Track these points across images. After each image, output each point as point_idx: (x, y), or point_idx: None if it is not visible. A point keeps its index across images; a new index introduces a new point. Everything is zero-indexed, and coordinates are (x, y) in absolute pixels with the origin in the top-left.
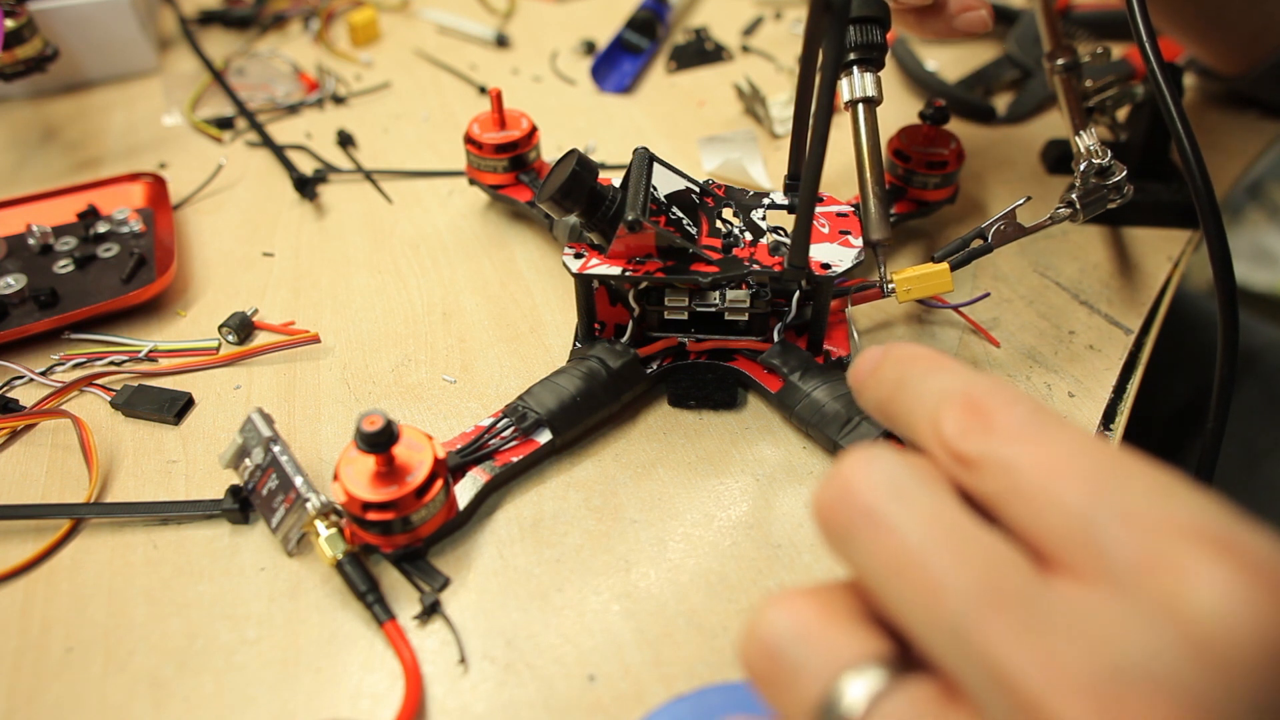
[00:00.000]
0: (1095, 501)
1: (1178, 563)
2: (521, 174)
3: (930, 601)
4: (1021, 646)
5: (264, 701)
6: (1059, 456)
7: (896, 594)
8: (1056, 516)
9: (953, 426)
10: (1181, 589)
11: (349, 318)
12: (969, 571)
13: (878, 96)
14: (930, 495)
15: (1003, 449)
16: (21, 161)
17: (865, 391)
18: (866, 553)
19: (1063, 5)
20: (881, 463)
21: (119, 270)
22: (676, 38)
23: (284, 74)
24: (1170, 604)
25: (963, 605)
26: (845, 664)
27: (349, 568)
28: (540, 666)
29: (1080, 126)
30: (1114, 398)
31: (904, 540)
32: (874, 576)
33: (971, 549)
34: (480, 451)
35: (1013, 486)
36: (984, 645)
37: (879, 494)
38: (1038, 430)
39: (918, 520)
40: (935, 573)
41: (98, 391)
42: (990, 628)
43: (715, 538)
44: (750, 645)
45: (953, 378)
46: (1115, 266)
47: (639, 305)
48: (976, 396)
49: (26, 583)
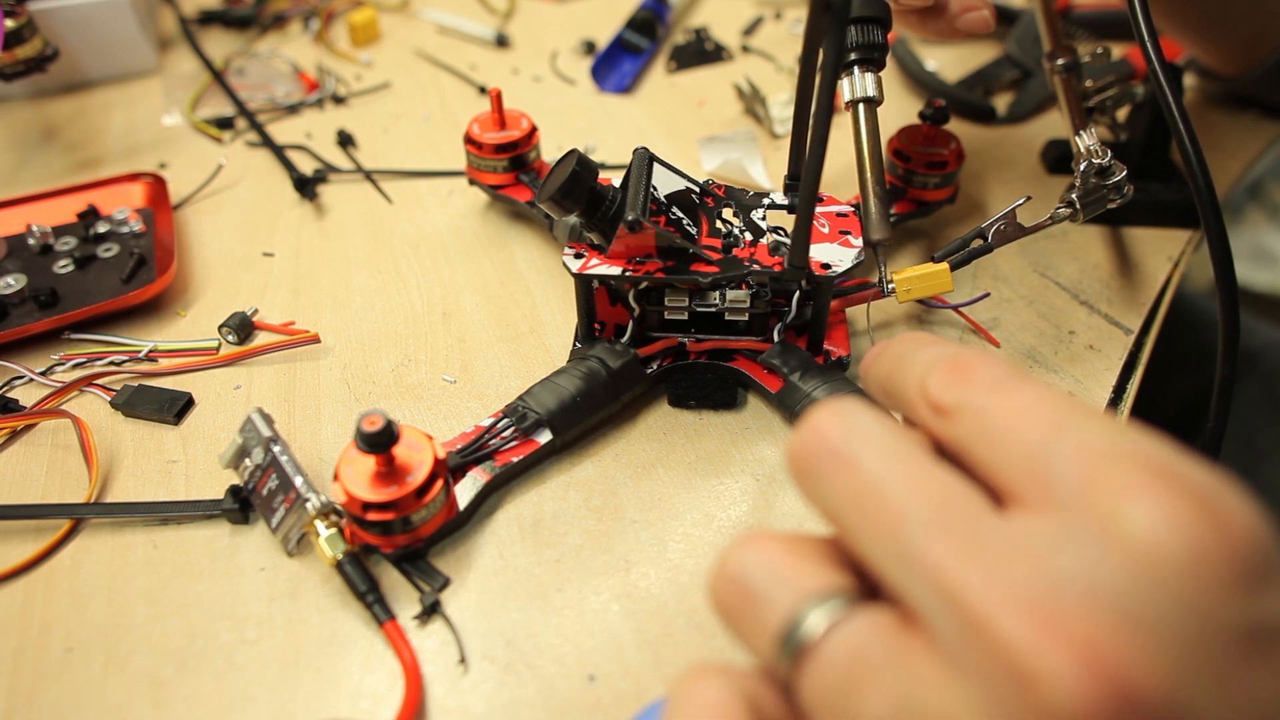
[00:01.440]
0: (1051, 437)
1: (1116, 485)
2: (521, 174)
3: (886, 528)
4: (967, 566)
5: (264, 701)
6: (1025, 402)
7: (857, 525)
8: (1016, 452)
9: (937, 382)
10: (1119, 508)
11: (349, 318)
12: (923, 500)
13: (878, 96)
14: (892, 435)
15: (976, 397)
16: (21, 161)
17: (870, 374)
18: (831, 489)
19: (1063, 5)
20: (850, 408)
21: (119, 270)
22: (676, 38)
23: (284, 74)
24: (1107, 521)
25: (918, 532)
26: (808, 595)
27: (349, 568)
28: (540, 666)
29: (1080, 126)
30: (1114, 398)
31: (865, 473)
32: (838, 512)
33: (928, 481)
34: (480, 451)
35: (980, 428)
36: (932, 565)
37: (846, 434)
38: (1010, 381)
39: (878, 455)
40: (891, 501)
41: (98, 391)
42: (938, 548)
43: (715, 538)
44: (719, 580)
45: (943, 348)
46: (1115, 266)
47: (639, 305)
48: (961, 358)
49: (26, 583)
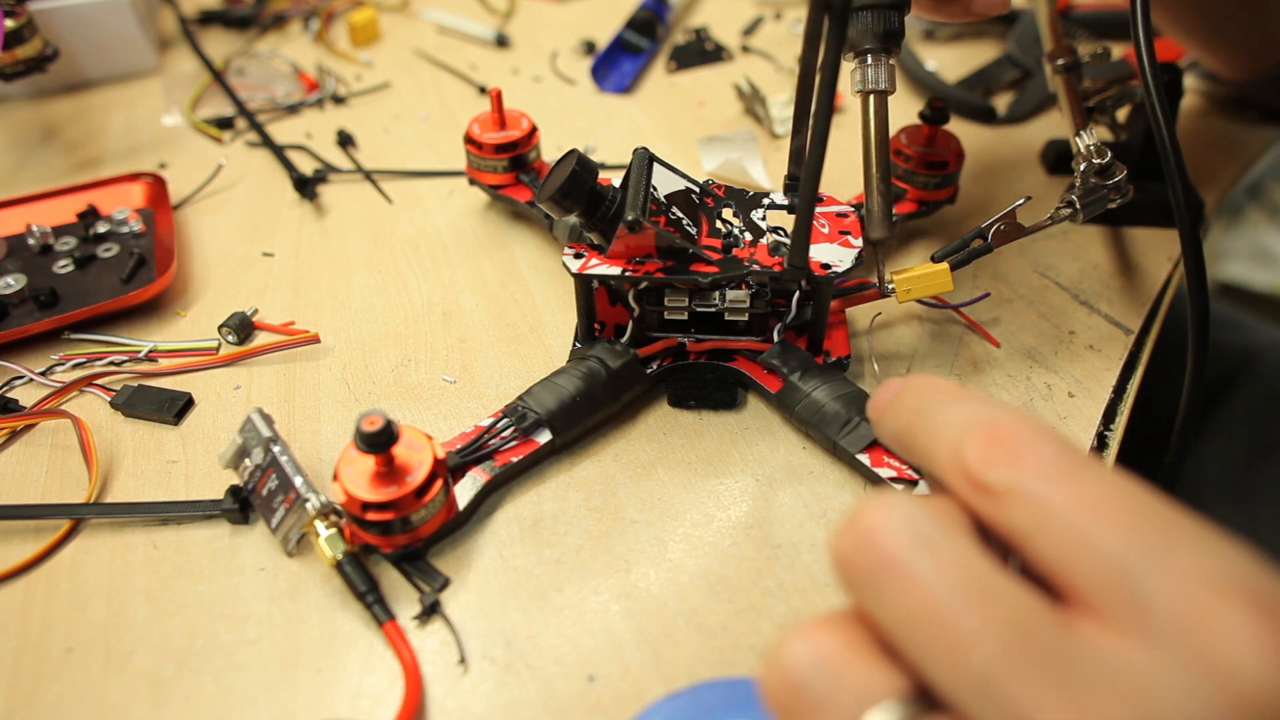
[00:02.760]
0: (1132, 548)
1: (1216, 619)
2: (521, 174)
3: (957, 655)
4: (1054, 701)
5: (264, 701)
6: (1094, 498)
7: (920, 644)
8: (1091, 559)
9: (976, 455)
10: (1220, 646)
11: (349, 318)
12: (996, 625)
13: (890, 88)
14: (952, 543)
15: (1033, 484)
16: (21, 161)
17: (884, 421)
18: (889, 602)
19: (1063, 5)
20: (902, 509)
21: (119, 270)
22: (676, 38)
23: (284, 74)
24: (1208, 660)
25: (991, 659)
26: (869, 700)
27: (349, 568)
28: (540, 666)
29: (1080, 126)
30: (1114, 398)
31: (928, 592)
32: (896, 625)
33: (997, 600)
34: (480, 451)
35: (1043, 523)
36: (1015, 700)
37: (901, 542)
38: (1071, 468)
39: (941, 571)
40: (962, 626)
41: (98, 391)
42: (1020, 682)
43: (715, 538)
44: (773, 676)
45: (976, 407)
46: (1115, 266)
47: (639, 305)
48: (1002, 427)
49: (26, 583)
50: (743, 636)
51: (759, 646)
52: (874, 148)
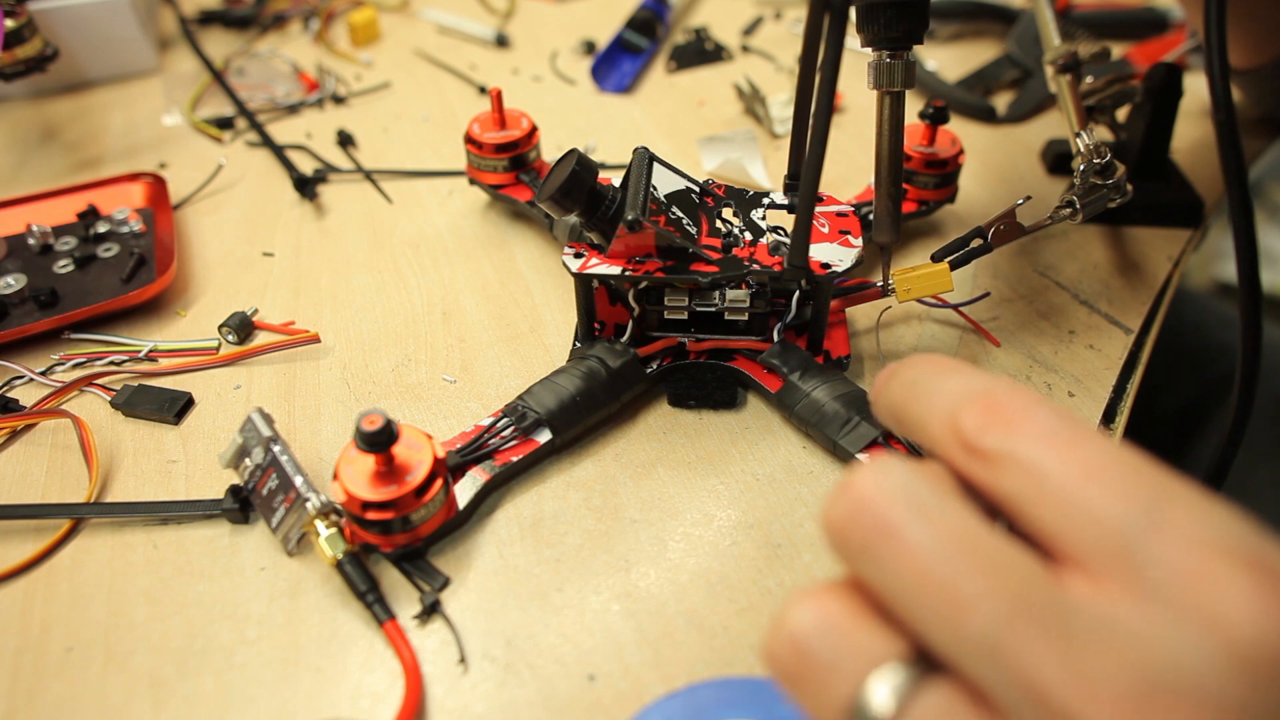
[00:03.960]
0: (1129, 511)
1: (1214, 578)
2: (521, 174)
3: (958, 618)
4: (1055, 661)
5: (264, 701)
6: (1091, 463)
7: (920, 609)
8: (1087, 523)
9: (972, 422)
10: (1219, 604)
11: (349, 318)
12: (996, 587)
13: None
14: (947, 507)
15: (1028, 449)
16: (21, 161)
17: (880, 398)
18: (887, 569)
19: (1063, 5)
20: (895, 474)
21: (119, 270)
22: (676, 38)
23: (284, 74)
24: (1207, 617)
25: (992, 621)
26: (875, 662)
27: (349, 567)
28: (540, 666)
29: (1080, 126)
30: (1114, 397)
31: (926, 557)
32: (894, 591)
33: (995, 563)
34: (480, 451)
35: (1038, 488)
36: (1017, 661)
37: (896, 508)
38: (1067, 434)
39: (938, 535)
40: (962, 590)
41: (98, 391)
42: (1022, 643)
43: (715, 538)
44: (777, 641)
45: (972, 378)
46: (1115, 266)
47: (639, 305)
48: (998, 395)
49: (26, 583)
50: (743, 636)
51: (759, 646)
52: (887, 150)
